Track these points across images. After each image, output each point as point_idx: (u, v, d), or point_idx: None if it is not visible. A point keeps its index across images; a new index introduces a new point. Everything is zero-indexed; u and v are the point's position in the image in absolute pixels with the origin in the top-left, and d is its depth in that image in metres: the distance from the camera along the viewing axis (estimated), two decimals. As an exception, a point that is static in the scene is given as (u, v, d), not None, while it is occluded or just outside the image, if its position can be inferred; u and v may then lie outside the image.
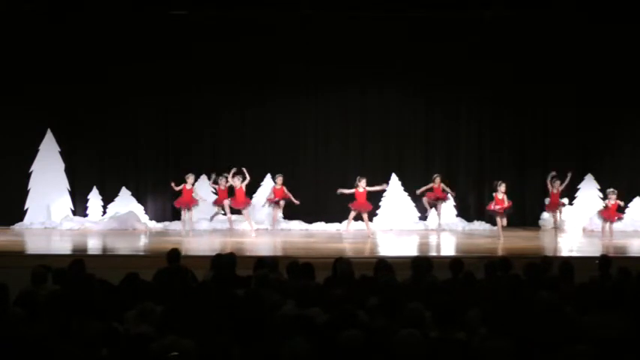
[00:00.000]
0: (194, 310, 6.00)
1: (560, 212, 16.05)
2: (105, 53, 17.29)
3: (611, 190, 15.34)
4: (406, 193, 17.62)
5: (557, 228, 16.05)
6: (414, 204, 17.57)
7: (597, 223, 16.73)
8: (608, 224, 15.22)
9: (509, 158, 18.03)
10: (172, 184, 15.73)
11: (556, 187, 15.70)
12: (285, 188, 16.14)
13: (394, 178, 17.70)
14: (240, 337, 5.10)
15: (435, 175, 16.35)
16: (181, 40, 17.28)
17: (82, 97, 17.45)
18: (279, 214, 16.67)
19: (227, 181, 15.86)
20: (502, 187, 15.14)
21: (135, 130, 17.94)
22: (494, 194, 15.26)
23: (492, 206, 15.21)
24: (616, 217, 15.24)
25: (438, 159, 18.09)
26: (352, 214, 15.60)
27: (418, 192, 16.64)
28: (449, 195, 16.31)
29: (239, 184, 15.75)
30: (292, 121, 18.06)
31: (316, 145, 18.10)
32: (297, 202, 16.22)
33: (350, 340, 4.86)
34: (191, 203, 15.75)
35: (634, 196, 17.40)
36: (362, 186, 15.36)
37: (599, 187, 17.56)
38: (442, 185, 16.17)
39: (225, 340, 4.86)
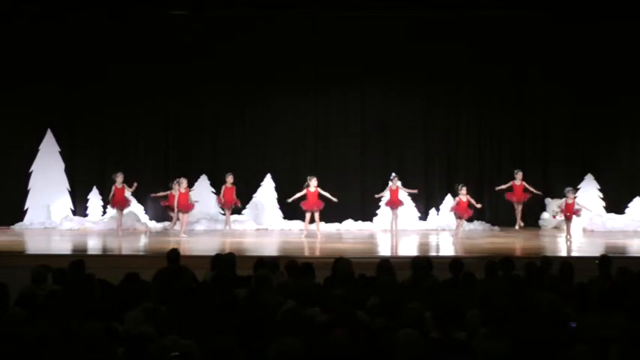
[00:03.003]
0: (194, 310, 6.00)
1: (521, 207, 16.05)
2: (105, 54, 17.28)
3: (570, 188, 15.18)
4: (406, 194, 17.59)
5: (521, 226, 16.01)
6: (413, 204, 17.57)
7: (597, 223, 16.75)
8: (569, 223, 14.88)
9: (510, 158, 18.02)
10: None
11: (519, 178, 15.75)
12: (234, 188, 16.11)
13: (394, 178, 17.70)
14: (241, 337, 5.10)
15: (393, 176, 16.31)
16: (181, 40, 17.27)
17: (82, 97, 17.45)
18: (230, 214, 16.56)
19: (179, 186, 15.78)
20: (463, 190, 15.14)
21: (135, 130, 17.93)
22: (457, 197, 15.23)
23: (459, 209, 15.18)
24: (573, 215, 14.84)
25: (437, 159, 18.10)
26: (308, 215, 15.54)
27: (376, 196, 16.65)
28: (406, 198, 16.45)
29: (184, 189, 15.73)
30: (292, 121, 18.06)
31: (316, 145, 18.09)
32: (239, 203, 16.45)
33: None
34: (124, 204, 15.74)
35: (634, 196, 17.40)
36: (313, 185, 15.34)
37: (599, 187, 17.57)
38: (400, 186, 16.06)
39: (225, 340, 4.86)
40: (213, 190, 17.58)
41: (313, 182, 15.36)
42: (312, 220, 15.59)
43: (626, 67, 17.24)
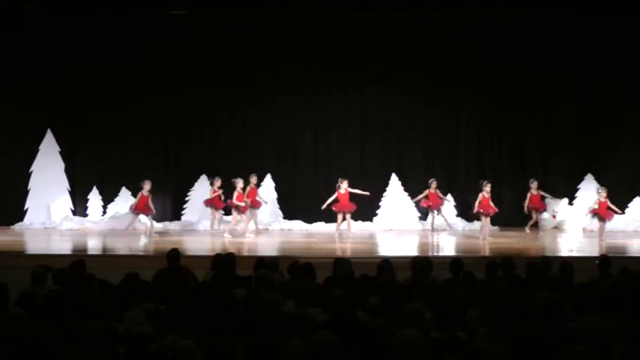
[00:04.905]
0: (194, 310, 6.00)
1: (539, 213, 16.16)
2: (105, 53, 17.28)
3: (601, 187, 15.18)
4: (406, 194, 17.62)
5: (539, 229, 16.04)
6: (413, 204, 17.57)
7: (597, 223, 16.70)
8: (602, 223, 14.94)
9: (510, 158, 18.03)
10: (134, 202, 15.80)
11: (534, 187, 15.80)
12: (257, 189, 16.12)
13: (394, 178, 17.71)
14: (240, 337, 5.10)
15: (431, 180, 16.37)
16: (181, 40, 17.28)
17: (82, 97, 17.44)
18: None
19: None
20: (488, 187, 15.17)
21: (135, 130, 17.90)
22: (480, 194, 15.24)
23: (483, 207, 15.18)
24: (606, 217, 14.89)
25: (437, 159, 18.09)
26: (340, 216, 15.58)
27: (413, 200, 16.66)
28: (445, 201, 16.58)
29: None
30: (292, 121, 18.06)
31: (316, 145, 18.10)
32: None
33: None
34: (146, 211, 15.70)
35: (634, 196, 17.39)
36: (343, 187, 15.35)
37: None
38: (437, 191, 16.22)
39: (225, 340, 4.86)
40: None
41: (344, 184, 15.36)
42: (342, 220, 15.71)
43: (626, 67, 17.24)
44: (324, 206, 15.51)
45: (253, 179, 16.01)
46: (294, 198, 17.69)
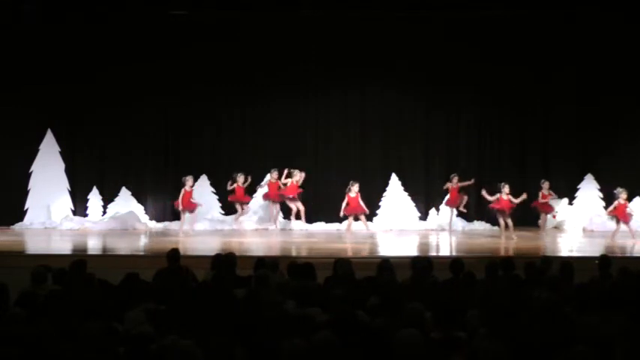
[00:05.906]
0: (194, 310, 6.01)
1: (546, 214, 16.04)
2: (105, 53, 17.28)
3: (621, 189, 14.98)
4: (406, 193, 17.62)
5: (544, 230, 16.02)
6: (413, 204, 17.57)
7: (597, 223, 16.71)
8: (619, 226, 14.80)
9: (509, 158, 18.03)
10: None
11: (546, 187, 15.73)
12: (279, 184, 16.27)
13: (394, 178, 17.70)
14: (240, 337, 5.11)
15: (453, 175, 16.33)
16: (181, 40, 17.28)
17: (82, 97, 17.44)
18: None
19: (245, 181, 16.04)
20: (506, 189, 15.09)
21: (135, 130, 17.92)
22: (499, 195, 15.19)
23: (504, 206, 15.11)
24: (624, 219, 14.74)
25: (437, 159, 18.09)
26: (350, 218, 15.57)
27: (445, 204, 16.57)
28: (463, 202, 16.45)
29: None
30: (292, 122, 18.06)
31: (316, 146, 18.10)
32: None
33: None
34: (190, 206, 15.64)
35: (634, 196, 17.37)
36: (354, 190, 15.32)
37: (599, 187, 17.56)
38: (459, 185, 16.18)
39: (225, 340, 4.86)
40: (214, 190, 17.59)
41: (355, 188, 15.31)
42: (352, 223, 15.68)
43: (626, 67, 17.23)
44: (341, 213, 15.52)
45: (275, 174, 16.07)
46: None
